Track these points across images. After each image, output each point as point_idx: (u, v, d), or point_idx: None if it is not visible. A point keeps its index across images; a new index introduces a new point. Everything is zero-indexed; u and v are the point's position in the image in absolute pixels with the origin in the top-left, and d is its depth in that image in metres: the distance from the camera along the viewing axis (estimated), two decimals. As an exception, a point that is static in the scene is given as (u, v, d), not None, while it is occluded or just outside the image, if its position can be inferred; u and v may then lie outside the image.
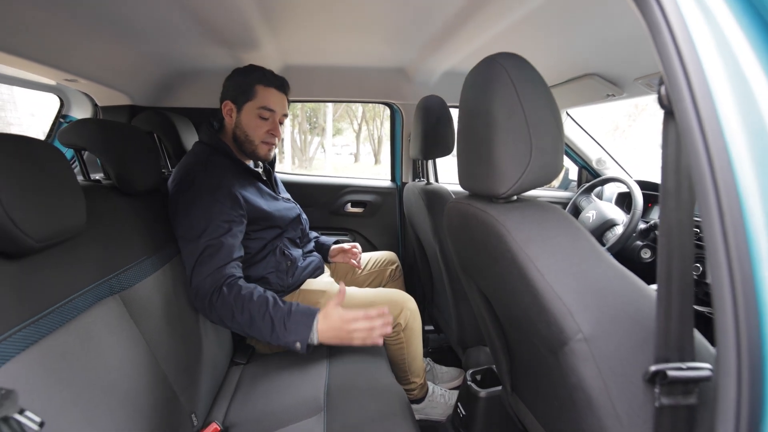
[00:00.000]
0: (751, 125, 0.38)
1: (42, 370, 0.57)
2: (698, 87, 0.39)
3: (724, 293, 0.38)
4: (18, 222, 0.56)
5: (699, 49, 0.39)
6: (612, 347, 0.52)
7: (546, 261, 0.55)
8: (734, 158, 0.37)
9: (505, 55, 0.65)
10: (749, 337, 0.37)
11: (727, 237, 0.37)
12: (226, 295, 0.96)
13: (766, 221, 0.37)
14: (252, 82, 1.17)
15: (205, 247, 1.00)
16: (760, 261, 0.37)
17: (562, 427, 0.74)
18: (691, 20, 0.40)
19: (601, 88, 1.48)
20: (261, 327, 0.94)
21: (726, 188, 0.37)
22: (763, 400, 0.37)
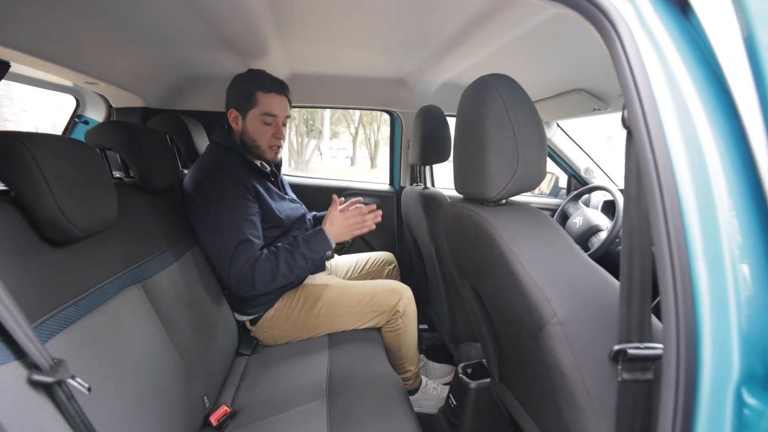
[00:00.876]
0: (691, 144, 0.47)
1: (81, 347, 0.64)
2: (650, 113, 0.48)
3: (667, 279, 0.46)
4: (66, 213, 0.63)
5: (652, 83, 0.48)
6: (582, 330, 0.60)
7: (528, 256, 0.64)
8: (676, 170, 0.46)
9: (498, 76, 0.74)
10: (686, 314, 0.45)
11: (669, 234, 0.46)
12: (261, 266, 1.13)
13: (700, 222, 0.45)
14: (253, 90, 1.25)
15: (239, 242, 1.13)
16: (695, 254, 0.45)
17: (542, 410, 0.83)
18: (647, 58, 0.49)
19: (588, 103, 1.58)
20: (300, 266, 1.18)
21: (669, 194, 0.46)
22: (697, 365, 0.46)
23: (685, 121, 0.47)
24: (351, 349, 1.22)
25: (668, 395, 0.48)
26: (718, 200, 0.45)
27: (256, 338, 1.36)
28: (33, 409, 0.49)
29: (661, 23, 0.49)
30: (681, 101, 0.47)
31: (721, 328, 0.45)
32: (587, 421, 0.63)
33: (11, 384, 0.48)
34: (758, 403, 0.45)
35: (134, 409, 0.69)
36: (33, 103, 6.97)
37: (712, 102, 0.47)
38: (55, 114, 6.03)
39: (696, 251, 0.45)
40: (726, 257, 0.45)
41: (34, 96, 6.72)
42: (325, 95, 1.86)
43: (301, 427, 0.89)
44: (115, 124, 1.01)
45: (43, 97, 6.45)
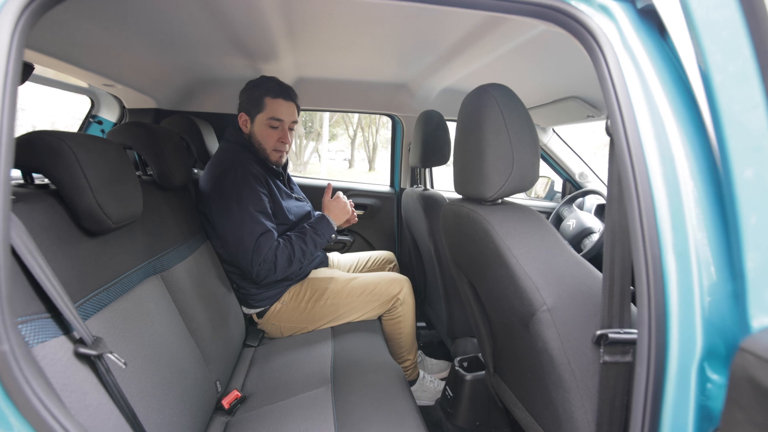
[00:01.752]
0: (664, 151, 0.53)
1: (112, 328, 0.70)
2: (628, 123, 0.54)
3: (641, 270, 0.52)
4: (102, 206, 0.69)
5: (631, 96, 0.54)
6: (569, 316, 0.67)
7: (520, 250, 0.70)
8: (651, 173, 0.52)
9: (496, 85, 0.81)
10: (657, 300, 0.52)
11: (644, 230, 0.52)
12: (281, 254, 1.25)
13: (671, 220, 0.52)
14: (261, 95, 1.32)
15: (260, 234, 1.22)
16: (665, 248, 0.52)
17: (534, 396, 0.89)
18: (628, 75, 0.55)
19: (582, 110, 1.65)
20: (311, 250, 1.32)
21: (644, 195, 0.52)
22: (666, 345, 0.52)
23: (660, 131, 0.53)
24: (353, 341, 1.28)
25: (641, 371, 0.54)
26: (686, 201, 0.52)
27: (263, 331, 1.41)
28: (79, 378, 0.55)
29: (640, 43, 0.56)
30: (656, 113, 0.54)
31: (686, 312, 0.51)
32: (572, 400, 0.70)
33: (61, 355, 0.54)
34: (719, 377, 0.51)
35: (157, 386, 0.75)
36: (29, 102, 6.99)
37: (683, 114, 0.54)
38: (51, 113, 6.04)
39: (666, 245, 0.51)
40: (692, 251, 0.51)
41: (31, 95, 6.73)
42: (330, 99, 1.93)
43: (308, 411, 0.95)
44: (137, 125, 1.07)
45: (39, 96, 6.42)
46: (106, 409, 0.58)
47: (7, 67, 0.43)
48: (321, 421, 0.90)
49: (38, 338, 0.51)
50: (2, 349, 0.39)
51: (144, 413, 0.66)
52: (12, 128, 0.43)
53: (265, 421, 0.93)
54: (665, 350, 0.52)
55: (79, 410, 0.53)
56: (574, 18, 0.56)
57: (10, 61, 0.43)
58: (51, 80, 1.38)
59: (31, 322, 0.52)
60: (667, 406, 0.52)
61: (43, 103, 6.25)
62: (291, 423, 0.91)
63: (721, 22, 0.49)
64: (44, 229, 0.62)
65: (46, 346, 0.52)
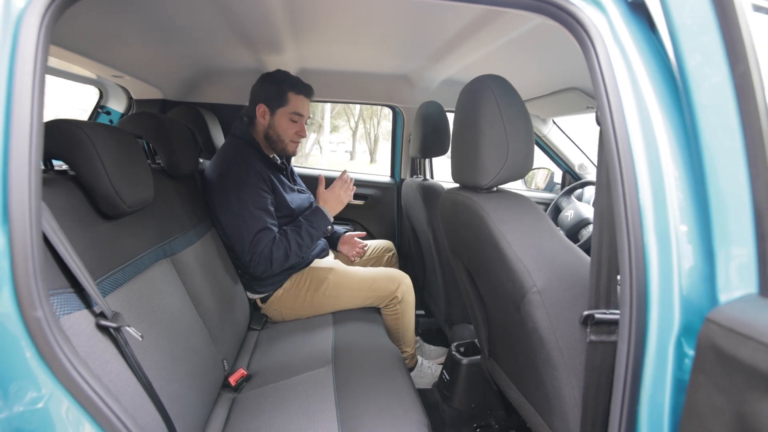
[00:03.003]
0: (648, 140, 0.56)
1: (128, 305, 0.75)
2: (615, 113, 0.57)
3: (624, 250, 0.56)
4: (118, 190, 0.73)
5: (619, 87, 0.57)
6: (557, 297, 0.71)
7: (513, 235, 0.74)
8: (635, 160, 0.55)
9: (492, 77, 0.84)
10: (638, 280, 0.55)
11: (627, 212, 0.55)
12: (277, 248, 1.28)
13: (653, 203, 0.55)
14: (285, 90, 1.36)
15: (258, 230, 1.26)
16: (647, 229, 0.55)
17: (525, 377, 0.93)
18: (617, 66, 0.58)
19: (582, 101, 1.66)
20: (307, 242, 1.34)
21: (628, 180, 0.55)
22: (646, 322, 0.56)
23: (645, 120, 0.56)
24: (354, 326, 1.33)
25: (622, 348, 0.58)
26: (668, 187, 0.55)
27: (266, 315, 1.46)
28: (101, 348, 0.60)
29: (630, 36, 0.58)
30: (642, 104, 0.56)
31: (666, 291, 0.54)
32: (560, 378, 0.74)
33: (85, 326, 0.58)
34: (695, 351, 0.55)
35: (169, 361, 0.80)
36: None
37: (668, 105, 0.56)
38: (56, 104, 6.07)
39: (648, 227, 0.55)
40: (672, 233, 0.54)
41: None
42: (332, 90, 1.95)
43: (310, 389, 0.99)
44: (148, 115, 1.11)
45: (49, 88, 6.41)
46: (125, 377, 0.62)
47: (35, 65, 0.46)
48: (322, 397, 0.95)
49: (64, 310, 0.56)
50: (37, 315, 0.44)
51: (159, 385, 0.71)
52: (41, 122, 0.46)
53: (269, 398, 0.98)
54: (645, 328, 0.56)
55: (102, 376, 0.57)
56: (566, 11, 0.59)
57: (37, 58, 0.46)
58: (60, 71, 1.41)
59: (58, 296, 0.56)
60: (646, 380, 0.56)
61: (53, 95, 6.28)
62: (294, 400, 0.95)
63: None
64: (65, 212, 0.66)
65: (71, 317, 0.56)
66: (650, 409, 0.56)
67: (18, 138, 0.44)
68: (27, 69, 0.45)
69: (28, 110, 0.45)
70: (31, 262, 0.43)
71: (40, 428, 0.45)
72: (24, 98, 0.44)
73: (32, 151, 0.44)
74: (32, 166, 0.44)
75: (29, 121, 0.44)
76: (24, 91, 0.45)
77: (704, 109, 0.51)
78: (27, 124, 0.44)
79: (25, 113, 0.44)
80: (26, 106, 0.44)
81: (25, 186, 0.44)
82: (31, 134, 0.44)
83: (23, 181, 0.44)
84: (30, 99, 0.45)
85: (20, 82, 0.45)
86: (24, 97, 0.45)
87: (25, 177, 0.44)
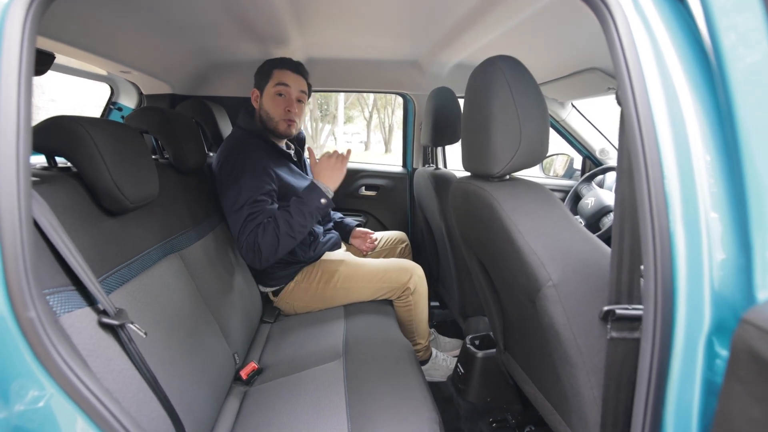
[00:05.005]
0: (676, 122, 0.51)
1: (134, 301, 0.75)
2: (638, 93, 0.52)
3: (648, 241, 0.51)
4: (120, 186, 0.73)
5: (642, 64, 0.51)
6: (574, 292, 0.67)
7: (526, 225, 0.70)
8: (661, 143, 0.50)
9: (503, 57, 0.78)
10: (663, 273, 0.51)
11: (651, 200, 0.50)
12: (263, 232, 1.18)
13: (681, 190, 0.50)
14: (270, 68, 1.35)
15: (247, 215, 1.20)
16: (674, 219, 0.50)
17: (542, 373, 0.90)
18: (639, 41, 0.52)
19: (602, 82, 1.58)
20: (299, 221, 1.20)
21: (652, 165, 0.50)
22: (673, 319, 0.51)
23: (672, 100, 0.50)
24: (365, 319, 1.31)
25: (646, 346, 0.54)
26: (697, 173, 0.50)
27: (278, 308, 1.47)
28: (104, 346, 0.60)
29: (654, 7, 0.53)
30: (668, 81, 0.51)
31: (695, 285, 0.50)
32: (578, 376, 0.70)
33: (86, 324, 0.58)
34: (729, 353, 0.50)
35: (177, 356, 0.80)
36: (61, 94, 7.25)
37: (698, 83, 0.51)
38: (81, 103, 6.26)
39: (675, 217, 0.50)
40: (702, 223, 0.49)
41: (61, 86, 6.97)
42: (340, 79, 1.91)
43: (320, 383, 0.99)
44: (152, 109, 1.11)
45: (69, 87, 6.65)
46: (128, 374, 0.62)
47: (21, 56, 0.45)
48: (332, 392, 0.94)
49: (65, 308, 0.55)
50: (30, 315, 0.43)
51: (165, 380, 0.71)
52: (28, 116, 0.45)
53: (280, 391, 0.98)
54: (672, 325, 0.51)
55: (104, 374, 0.57)
56: None
57: (23, 49, 0.45)
58: (72, 69, 1.43)
59: (58, 294, 0.56)
60: (672, 381, 0.52)
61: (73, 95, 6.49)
62: (304, 394, 0.95)
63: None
64: (67, 209, 0.66)
65: (72, 315, 0.56)
66: (677, 412, 0.53)
67: (4, 132, 0.43)
68: (12, 61, 0.44)
69: (14, 103, 0.43)
70: (21, 262, 0.43)
71: (39, 428, 0.45)
72: (10, 91, 0.43)
73: (20, 147, 0.43)
74: (20, 163, 0.43)
75: (15, 114, 0.43)
76: (10, 84, 0.43)
77: (741, 87, 0.45)
78: (13, 118, 0.43)
79: (11, 106, 0.43)
80: (12, 99, 0.43)
81: (12, 184, 0.43)
82: (18, 129, 0.43)
83: (11, 178, 0.43)
84: (16, 92, 0.44)
85: (6, 74, 0.44)
86: (10, 90, 0.43)
87: (12, 174, 0.43)
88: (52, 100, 7.35)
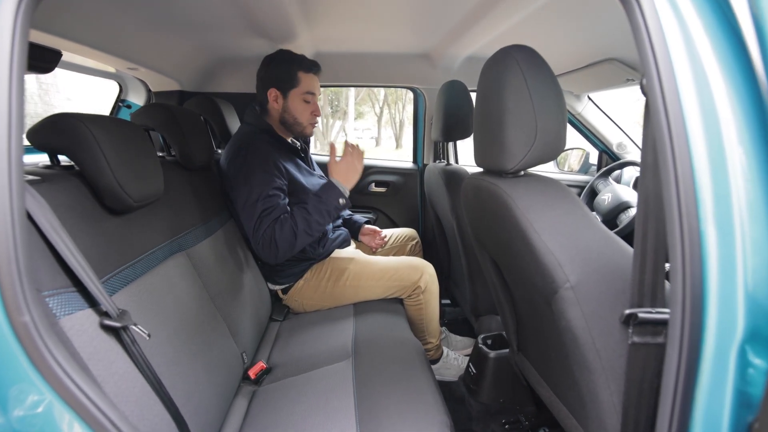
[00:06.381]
0: (707, 113, 0.46)
1: (139, 302, 0.74)
2: (666, 81, 0.48)
3: (675, 242, 0.48)
4: (123, 185, 0.71)
5: (670, 50, 0.47)
6: (594, 294, 0.63)
7: (542, 224, 0.66)
8: (690, 137, 0.46)
9: (518, 47, 0.74)
10: (692, 276, 0.47)
11: (680, 198, 0.47)
12: (280, 228, 1.18)
13: (712, 188, 0.46)
14: (294, 70, 1.31)
15: (262, 210, 1.19)
16: (705, 218, 0.46)
17: (558, 376, 0.86)
18: (666, 24, 0.48)
19: (621, 73, 1.51)
20: (316, 218, 1.20)
21: (681, 160, 0.47)
22: (702, 325, 0.48)
23: (703, 88, 0.46)
24: (375, 318, 1.29)
25: (672, 353, 0.50)
26: (731, 168, 0.46)
27: (288, 306, 1.46)
28: (105, 349, 0.58)
29: None
30: (699, 68, 0.47)
31: (727, 290, 0.46)
32: (597, 382, 0.66)
33: (87, 327, 0.57)
34: (763, 362, 0.47)
35: (184, 357, 0.79)
36: (76, 93, 7.41)
37: (733, 70, 0.47)
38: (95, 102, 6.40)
39: (706, 216, 0.46)
40: (736, 222, 0.46)
41: (77, 85, 7.13)
42: (349, 74, 1.89)
43: (329, 383, 0.97)
44: (158, 106, 1.10)
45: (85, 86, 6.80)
46: (131, 377, 0.61)
47: (12, 49, 0.43)
48: (341, 394, 0.92)
49: (65, 311, 0.54)
50: (24, 320, 0.42)
51: (171, 382, 0.70)
52: (21, 105, 0.43)
53: (288, 392, 0.97)
54: (701, 331, 0.48)
55: (106, 378, 0.56)
56: None
57: (15, 42, 0.43)
58: (80, 66, 1.43)
59: (58, 296, 0.54)
60: (700, 390, 0.48)
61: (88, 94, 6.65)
62: (313, 395, 0.93)
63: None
64: (68, 208, 0.65)
65: (72, 318, 0.55)
66: (705, 424, 0.49)
67: None
68: (3, 54, 0.42)
69: (5, 97, 0.42)
70: (14, 264, 0.41)
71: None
72: (1, 85, 0.42)
73: (12, 142, 0.42)
74: (12, 159, 0.42)
75: (7, 109, 0.42)
76: (1, 78, 0.42)
77: None
78: (5, 112, 0.42)
79: (2, 101, 0.42)
80: (3, 93, 0.42)
81: (4, 182, 0.41)
82: (10, 124, 0.42)
83: (2, 175, 0.41)
84: (7, 86, 0.42)
85: None
86: (1, 84, 0.42)
87: (3, 171, 0.41)
88: (67, 98, 7.52)
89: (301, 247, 1.22)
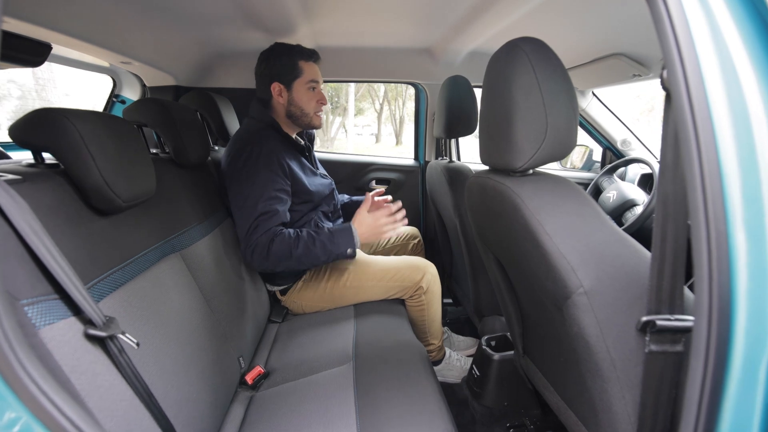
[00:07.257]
0: (736, 108, 0.43)
1: (129, 307, 0.70)
2: (691, 73, 0.44)
3: (702, 249, 0.44)
4: (110, 184, 0.68)
5: (695, 40, 0.44)
6: (609, 300, 0.59)
7: (554, 225, 0.63)
8: (718, 134, 0.43)
9: (527, 39, 0.71)
10: (720, 286, 0.43)
11: (707, 202, 0.43)
12: (280, 242, 1.13)
13: (742, 191, 0.43)
14: (294, 60, 1.27)
15: (261, 213, 1.14)
16: (734, 224, 0.43)
17: (566, 381, 0.83)
18: (691, 15, 0.45)
19: (627, 68, 1.48)
20: (317, 252, 1.16)
21: (708, 160, 0.43)
22: (729, 338, 0.44)
23: (732, 83, 0.43)
24: (376, 320, 1.25)
25: (697, 367, 0.47)
26: (763, 168, 0.42)
27: (286, 307, 1.42)
28: (89, 360, 0.55)
29: None
30: (727, 59, 0.44)
31: (758, 298, 0.43)
32: (611, 391, 0.63)
33: (70, 337, 0.53)
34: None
35: (177, 364, 0.76)
36: (74, 88, 7.35)
37: (764, 63, 0.43)
38: (93, 98, 6.35)
39: (735, 221, 0.43)
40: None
41: (75, 81, 7.07)
42: (349, 69, 1.84)
43: (329, 388, 0.94)
44: (150, 101, 1.05)
45: (82, 82, 6.72)
46: (118, 390, 0.58)
47: None
48: (341, 400, 0.89)
49: (45, 320, 0.51)
50: None
51: (162, 391, 0.67)
52: None
53: (287, 398, 0.94)
54: (728, 342, 0.44)
55: (90, 392, 0.52)
56: None
57: None
58: (72, 60, 1.39)
59: (38, 304, 0.51)
60: (726, 405, 0.45)
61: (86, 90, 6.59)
62: (312, 401, 0.90)
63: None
64: (51, 210, 0.61)
65: (54, 327, 0.51)
66: (731, 440, 0.46)
67: None
68: None
69: None
70: None
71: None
72: None
73: None
74: None
75: None
76: None
77: None
78: None
79: None
80: None
81: None
82: None
83: None
84: None
85: None
86: None
87: None
88: (66, 94, 7.45)
89: (286, 268, 1.18)
